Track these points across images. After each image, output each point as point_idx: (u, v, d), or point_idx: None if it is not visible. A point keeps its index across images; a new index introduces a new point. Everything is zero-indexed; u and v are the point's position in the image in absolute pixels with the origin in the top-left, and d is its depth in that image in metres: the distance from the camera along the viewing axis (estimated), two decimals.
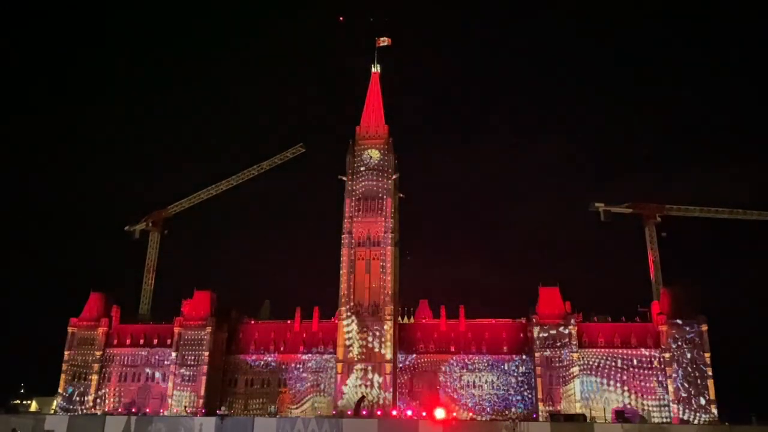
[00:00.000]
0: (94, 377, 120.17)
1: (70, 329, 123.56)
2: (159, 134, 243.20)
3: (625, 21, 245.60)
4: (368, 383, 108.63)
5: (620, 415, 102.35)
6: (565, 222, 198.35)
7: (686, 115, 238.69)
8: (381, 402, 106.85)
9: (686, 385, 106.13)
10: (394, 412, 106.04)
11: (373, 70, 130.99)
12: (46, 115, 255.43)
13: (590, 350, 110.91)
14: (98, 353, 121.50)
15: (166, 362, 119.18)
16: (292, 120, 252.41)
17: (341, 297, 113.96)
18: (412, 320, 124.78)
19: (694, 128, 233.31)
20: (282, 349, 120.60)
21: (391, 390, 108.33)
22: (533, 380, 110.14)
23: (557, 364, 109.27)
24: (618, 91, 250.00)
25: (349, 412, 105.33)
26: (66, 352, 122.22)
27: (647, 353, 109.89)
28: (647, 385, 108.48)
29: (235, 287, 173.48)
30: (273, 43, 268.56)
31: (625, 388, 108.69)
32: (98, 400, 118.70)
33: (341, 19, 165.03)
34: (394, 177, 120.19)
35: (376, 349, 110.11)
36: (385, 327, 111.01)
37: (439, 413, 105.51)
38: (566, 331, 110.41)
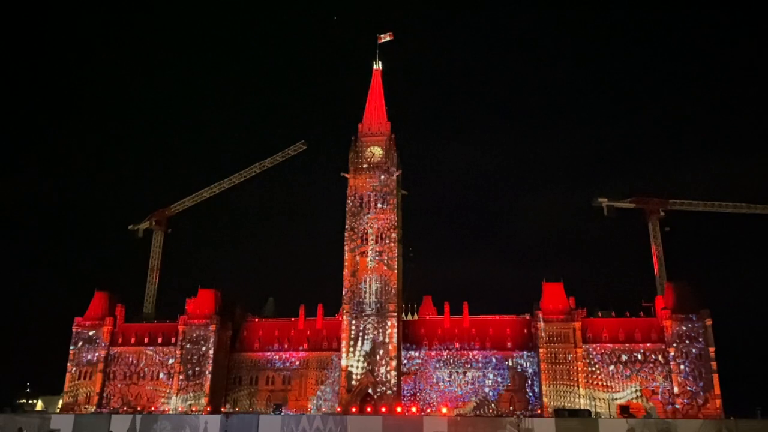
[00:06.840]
0: (99, 376, 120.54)
1: (74, 328, 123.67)
2: (162, 133, 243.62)
3: (628, 14, 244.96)
4: (372, 380, 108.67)
5: (625, 410, 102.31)
6: (568, 217, 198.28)
7: (690, 109, 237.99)
8: (385, 398, 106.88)
9: (691, 379, 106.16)
10: (399, 409, 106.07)
11: (375, 66, 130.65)
12: (50, 117, 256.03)
13: (594, 345, 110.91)
14: (103, 352, 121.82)
15: (170, 361, 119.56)
16: (293, 117, 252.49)
17: (345, 294, 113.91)
18: (416, 317, 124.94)
19: (698, 122, 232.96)
20: (286, 346, 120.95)
21: (396, 387, 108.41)
22: (538, 376, 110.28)
23: (561, 360, 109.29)
24: (620, 85, 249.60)
25: (353, 409, 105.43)
26: (71, 351, 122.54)
27: (651, 348, 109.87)
28: (652, 379, 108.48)
29: (239, 285, 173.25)
30: (275, 40, 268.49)
31: (630, 383, 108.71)
32: (103, 399, 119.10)
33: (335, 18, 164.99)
34: (396, 174, 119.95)
35: (380, 346, 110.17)
36: (389, 324, 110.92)
37: (444, 409, 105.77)
38: (570, 327, 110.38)
